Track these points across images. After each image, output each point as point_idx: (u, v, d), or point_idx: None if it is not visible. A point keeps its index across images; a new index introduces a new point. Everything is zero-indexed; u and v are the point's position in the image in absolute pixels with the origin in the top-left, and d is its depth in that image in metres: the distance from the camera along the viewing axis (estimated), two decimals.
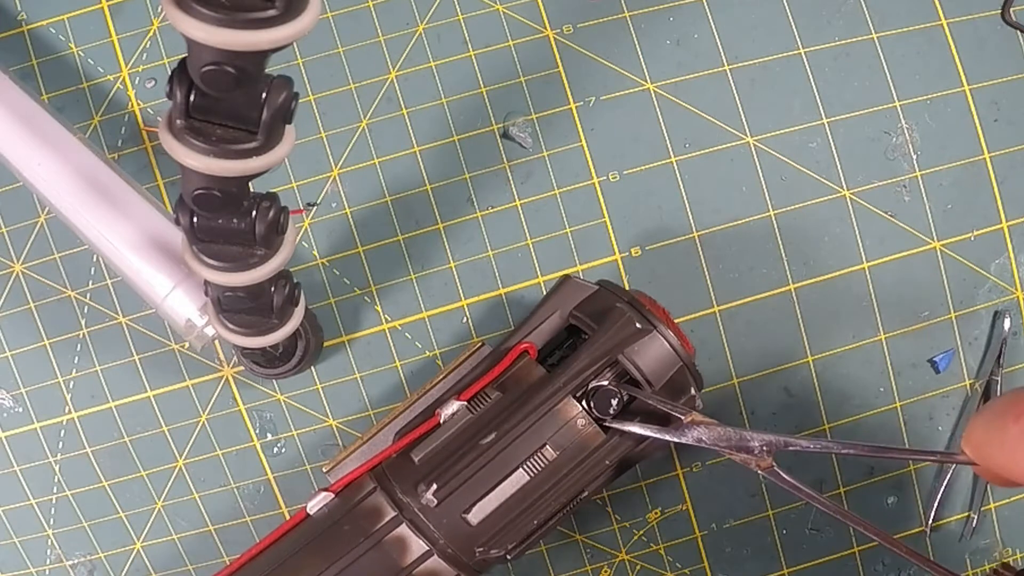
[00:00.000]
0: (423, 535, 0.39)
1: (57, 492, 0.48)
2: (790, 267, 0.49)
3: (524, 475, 0.38)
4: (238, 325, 0.39)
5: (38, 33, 0.47)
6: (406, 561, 0.39)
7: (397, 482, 0.39)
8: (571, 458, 0.39)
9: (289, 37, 0.24)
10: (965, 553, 0.50)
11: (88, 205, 0.42)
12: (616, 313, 0.40)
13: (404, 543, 0.39)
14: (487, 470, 0.38)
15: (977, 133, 0.49)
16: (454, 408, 0.40)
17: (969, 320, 0.49)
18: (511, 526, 0.39)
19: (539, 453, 0.38)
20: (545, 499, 0.39)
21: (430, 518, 0.38)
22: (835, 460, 0.49)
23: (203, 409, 0.48)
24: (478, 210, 0.48)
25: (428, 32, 0.48)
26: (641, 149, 0.48)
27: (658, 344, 0.39)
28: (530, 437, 0.39)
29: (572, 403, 0.39)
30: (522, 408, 0.39)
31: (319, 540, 0.39)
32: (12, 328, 0.48)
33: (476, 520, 0.38)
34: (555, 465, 0.39)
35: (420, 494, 0.38)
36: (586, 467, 0.39)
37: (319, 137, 0.48)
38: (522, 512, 0.39)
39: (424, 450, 0.39)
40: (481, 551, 0.39)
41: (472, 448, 0.39)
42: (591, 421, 0.39)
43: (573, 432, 0.39)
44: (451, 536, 0.38)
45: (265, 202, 0.32)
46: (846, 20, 0.48)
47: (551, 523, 0.40)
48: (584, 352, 0.40)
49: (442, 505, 0.38)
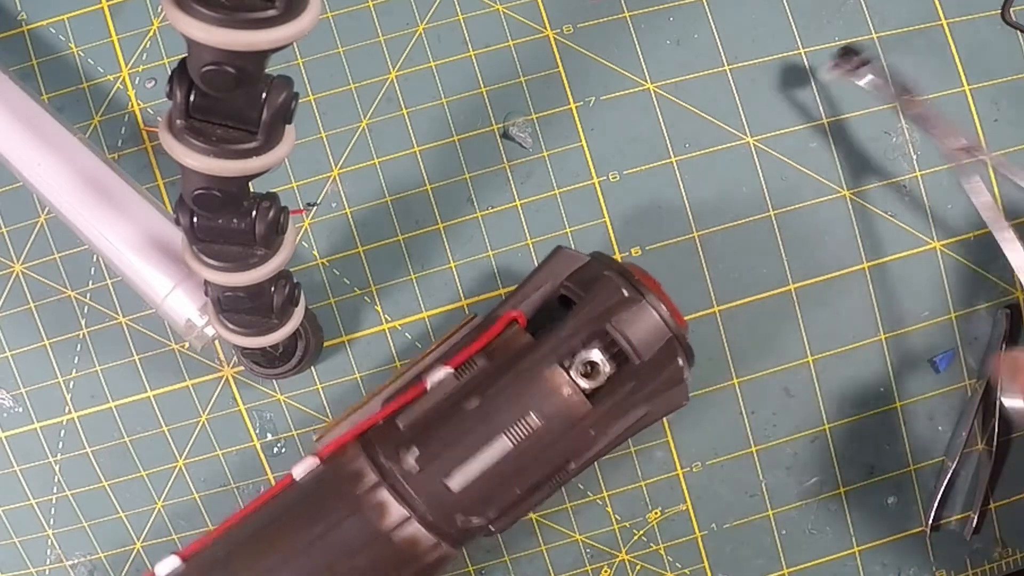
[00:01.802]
0: (403, 500, 0.38)
1: (57, 492, 0.48)
2: (790, 267, 0.49)
3: (507, 442, 0.37)
4: (238, 325, 0.39)
5: (38, 33, 0.47)
6: (385, 526, 0.38)
7: (380, 447, 0.39)
8: (556, 427, 0.38)
9: (289, 37, 0.24)
10: (965, 553, 0.50)
11: (88, 205, 0.42)
12: (604, 280, 0.39)
13: (384, 508, 0.38)
14: (470, 436, 0.38)
15: (977, 133, 0.49)
16: (441, 375, 0.39)
17: (969, 320, 0.49)
18: (493, 494, 0.38)
19: (523, 420, 0.37)
20: (529, 468, 0.38)
21: (411, 483, 0.38)
22: (835, 460, 0.49)
23: (203, 409, 0.48)
24: (478, 210, 0.48)
25: (428, 32, 0.48)
26: (641, 149, 0.48)
27: (647, 314, 0.38)
28: (514, 404, 0.38)
29: (559, 371, 0.38)
30: (507, 374, 0.38)
31: (301, 504, 0.39)
32: (12, 328, 0.48)
33: (457, 487, 0.37)
34: (539, 434, 0.38)
35: (402, 459, 0.38)
36: (571, 437, 0.38)
37: (319, 137, 0.48)
38: (505, 480, 0.38)
39: (409, 416, 0.39)
40: (462, 519, 0.38)
41: (455, 413, 0.38)
42: (577, 391, 0.38)
43: (559, 401, 0.38)
44: (431, 502, 0.38)
45: (265, 202, 0.32)
46: (846, 20, 0.48)
47: (537, 496, 0.39)
48: (570, 319, 0.39)
49: (423, 471, 0.38)
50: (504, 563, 0.49)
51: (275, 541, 0.38)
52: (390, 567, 0.38)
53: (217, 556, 0.39)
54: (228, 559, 0.39)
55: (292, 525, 0.39)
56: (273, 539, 0.38)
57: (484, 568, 0.49)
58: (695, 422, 0.49)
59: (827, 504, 0.50)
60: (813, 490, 0.50)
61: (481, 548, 0.49)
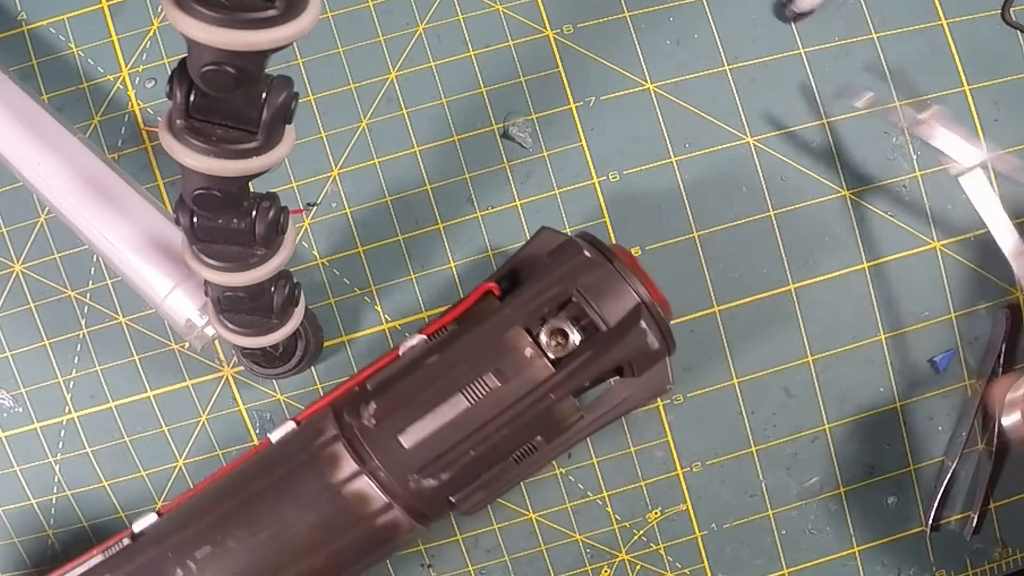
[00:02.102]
0: (356, 454, 0.38)
1: (57, 492, 0.48)
2: (790, 267, 0.49)
3: (464, 400, 0.37)
4: (238, 325, 0.39)
5: (38, 33, 0.47)
6: (336, 478, 0.38)
7: (347, 406, 0.39)
8: (516, 390, 0.37)
9: (289, 37, 0.24)
10: (965, 553, 0.50)
11: (88, 205, 0.42)
12: (569, 244, 0.39)
13: (337, 461, 0.38)
14: (426, 392, 0.37)
15: (977, 133, 0.49)
16: (414, 341, 0.39)
17: (969, 320, 0.49)
18: (447, 455, 0.37)
19: (481, 379, 0.37)
20: (485, 430, 0.37)
21: (366, 438, 0.37)
22: (835, 460, 0.49)
23: (203, 409, 0.48)
24: (478, 210, 0.48)
25: (428, 32, 0.48)
26: (641, 149, 0.48)
27: (613, 280, 0.37)
28: (473, 362, 0.37)
29: (521, 333, 0.37)
30: (468, 334, 0.38)
31: (266, 458, 0.40)
32: (12, 328, 0.48)
33: (410, 443, 0.37)
34: (498, 394, 0.37)
35: (361, 414, 0.38)
36: (530, 401, 0.37)
37: (319, 137, 0.48)
38: (460, 442, 0.37)
39: (377, 378, 0.39)
40: (415, 480, 0.37)
41: (415, 370, 0.38)
42: (540, 354, 0.37)
43: (520, 363, 0.37)
44: (384, 458, 0.37)
45: (265, 202, 0.32)
46: (846, 20, 0.48)
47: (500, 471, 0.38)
48: (534, 280, 0.38)
49: (379, 426, 0.37)
50: (504, 563, 0.49)
51: (235, 491, 0.39)
52: (339, 523, 0.38)
53: (185, 509, 0.40)
54: (194, 510, 0.39)
55: (251, 477, 0.39)
56: (234, 490, 0.39)
57: (484, 568, 0.49)
58: (695, 422, 0.49)
59: (827, 504, 0.50)
60: (813, 490, 0.50)
61: (481, 548, 0.49)
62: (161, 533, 0.39)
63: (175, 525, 0.39)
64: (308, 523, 0.38)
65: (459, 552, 0.49)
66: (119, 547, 0.40)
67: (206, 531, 0.38)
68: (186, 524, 0.39)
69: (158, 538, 0.39)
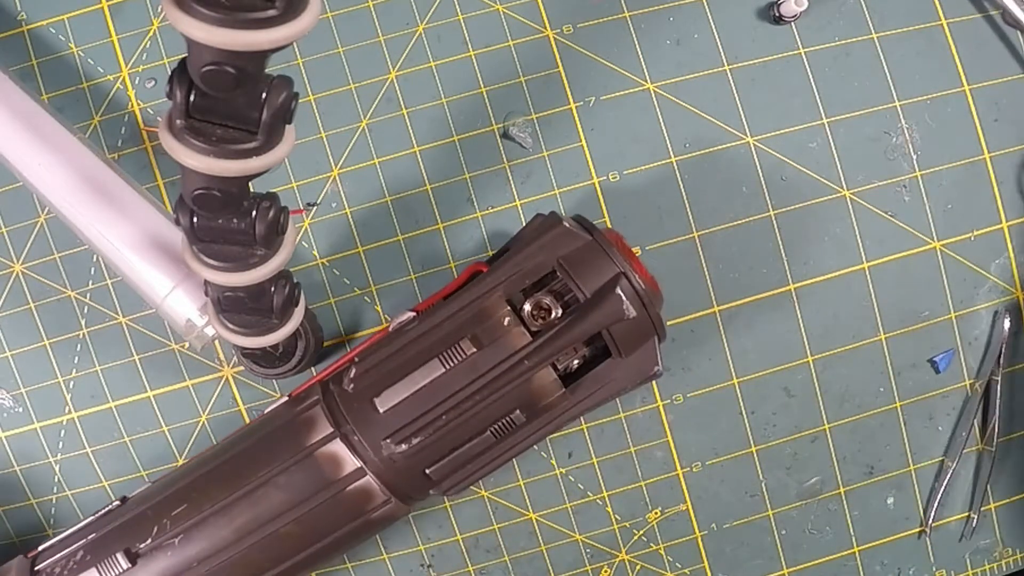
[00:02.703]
0: (332, 418, 0.38)
1: (57, 492, 0.48)
2: (790, 267, 0.49)
3: (439, 366, 0.37)
4: (238, 325, 0.39)
5: (38, 33, 0.47)
6: (310, 440, 0.38)
7: (334, 377, 0.40)
8: (489, 356, 0.37)
9: (289, 37, 0.24)
10: (965, 553, 0.50)
11: (88, 205, 0.42)
12: (551, 218, 0.39)
13: (313, 423, 0.39)
14: (404, 358, 0.38)
15: (977, 133, 0.49)
16: (404, 318, 0.40)
17: (969, 320, 0.49)
18: (419, 420, 0.37)
19: (457, 346, 0.37)
20: (458, 396, 0.37)
21: (343, 401, 0.38)
22: (835, 460, 0.49)
23: (203, 409, 0.48)
24: (478, 210, 0.48)
25: (428, 32, 0.48)
26: (641, 149, 0.48)
27: (595, 252, 0.37)
28: (450, 329, 0.38)
29: (501, 304, 0.38)
30: (449, 304, 0.38)
31: (253, 425, 0.41)
32: (12, 328, 0.48)
33: (384, 407, 0.37)
34: (473, 361, 0.37)
35: (343, 380, 0.38)
36: (504, 367, 0.37)
37: (319, 137, 0.48)
38: (434, 407, 0.37)
39: (366, 352, 0.39)
40: (387, 444, 0.38)
41: (397, 339, 0.38)
42: (517, 322, 0.37)
43: (496, 330, 0.37)
44: (359, 422, 0.38)
45: (265, 202, 0.32)
46: (846, 20, 0.48)
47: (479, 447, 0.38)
48: (515, 252, 0.39)
49: (356, 391, 0.38)
50: (504, 563, 0.49)
51: (217, 455, 0.40)
52: (311, 486, 0.39)
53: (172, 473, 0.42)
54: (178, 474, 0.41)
55: (234, 442, 0.41)
56: (216, 454, 0.40)
57: (484, 568, 0.49)
58: (695, 422, 0.49)
59: (827, 504, 0.50)
60: (813, 490, 0.50)
61: (481, 548, 0.49)
62: (146, 495, 0.41)
63: (160, 487, 0.41)
64: (281, 485, 0.39)
65: (459, 552, 0.49)
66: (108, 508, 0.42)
67: (183, 491, 0.39)
68: (169, 486, 0.40)
69: (142, 500, 0.41)
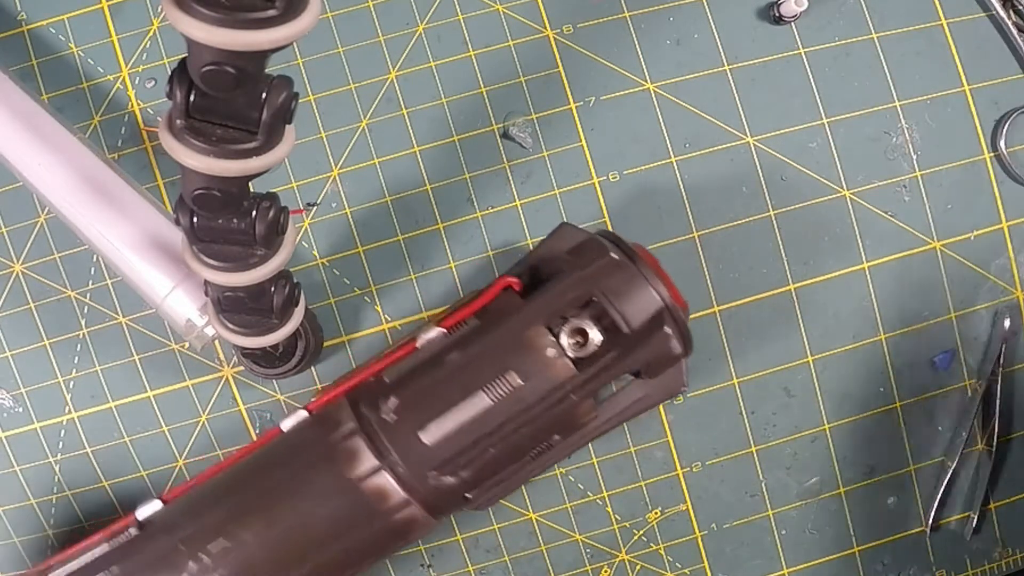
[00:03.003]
0: (375, 449, 0.37)
1: (57, 492, 0.48)
2: (790, 267, 0.49)
3: (485, 398, 0.37)
4: (238, 325, 0.39)
5: (38, 33, 0.47)
6: (355, 473, 0.37)
7: (364, 398, 0.38)
8: (537, 389, 0.37)
9: (289, 37, 0.24)
10: (965, 553, 0.50)
11: (88, 205, 0.42)
12: (593, 243, 0.39)
13: (356, 455, 0.37)
14: (448, 389, 0.37)
15: (977, 133, 0.49)
16: (432, 335, 0.39)
17: (969, 320, 0.49)
18: (467, 452, 0.37)
19: (503, 378, 0.37)
20: (505, 428, 0.37)
21: (385, 433, 0.37)
22: (835, 460, 0.49)
23: (203, 409, 0.48)
24: (478, 210, 0.48)
25: (428, 32, 0.48)
26: (641, 149, 0.48)
27: (636, 281, 0.37)
28: (495, 360, 0.37)
29: (544, 332, 0.37)
30: (491, 331, 0.38)
31: (279, 448, 0.39)
32: (12, 328, 0.48)
33: (431, 439, 0.37)
34: (520, 394, 0.37)
35: (380, 408, 0.37)
36: (552, 401, 0.37)
37: (319, 137, 0.48)
38: (480, 439, 0.37)
39: (395, 371, 0.39)
40: (435, 477, 0.37)
41: (437, 366, 0.38)
42: (562, 353, 0.37)
43: (542, 362, 0.37)
44: (404, 454, 0.37)
45: (265, 202, 0.32)
46: (846, 20, 0.48)
47: (517, 467, 0.38)
48: (558, 280, 0.38)
49: (400, 421, 0.37)
50: (504, 563, 0.49)
51: (249, 483, 0.39)
52: (357, 517, 0.38)
53: (195, 498, 0.39)
54: (205, 501, 0.39)
55: (267, 469, 0.39)
56: (248, 481, 0.39)
57: (484, 568, 0.49)
58: (695, 422, 0.49)
59: (827, 504, 0.50)
60: (813, 490, 0.50)
61: (481, 548, 0.49)
62: (171, 523, 0.39)
63: (185, 515, 0.39)
64: (325, 517, 0.38)
65: (459, 552, 0.49)
66: (127, 537, 0.39)
67: (220, 523, 0.38)
68: (198, 514, 0.38)
69: (168, 528, 0.38)
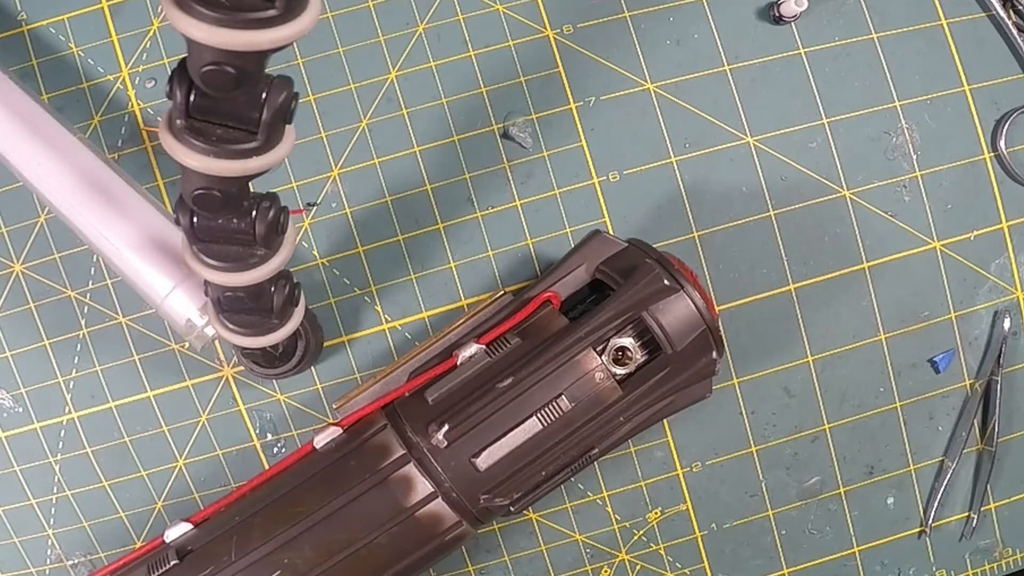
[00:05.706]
0: (429, 476, 0.38)
1: (57, 492, 0.48)
2: (790, 267, 0.49)
3: (537, 424, 0.38)
4: (238, 325, 0.39)
5: (38, 33, 0.47)
6: (410, 501, 0.38)
7: (408, 421, 0.39)
8: (585, 411, 0.38)
9: (289, 37, 0.24)
10: (965, 553, 0.50)
11: (88, 205, 0.42)
12: (645, 268, 0.39)
13: (410, 482, 0.38)
14: (500, 415, 0.38)
15: (977, 133, 0.49)
16: (472, 351, 0.39)
17: (969, 320, 0.49)
18: (519, 475, 0.38)
19: (554, 403, 0.38)
20: (555, 451, 0.38)
21: (438, 459, 0.38)
22: (835, 460, 0.49)
23: (203, 409, 0.48)
24: (478, 210, 0.48)
25: (428, 32, 0.48)
26: (641, 149, 0.48)
27: (683, 305, 0.38)
28: (547, 385, 0.38)
29: (592, 355, 0.38)
30: (541, 356, 0.38)
31: (323, 473, 0.39)
32: (12, 328, 0.48)
33: (484, 465, 0.38)
34: (569, 417, 0.38)
35: (431, 434, 0.38)
36: (599, 422, 0.38)
37: (319, 137, 0.48)
38: (531, 462, 0.38)
39: (438, 391, 0.39)
40: (486, 498, 0.38)
41: (487, 392, 0.38)
42: (609, 376, 0.38)
43: (590, 385, 0.38)
44: (457, 480, 0.38)
45: (265, 202, 0.32)
46: (846, 20, 0.48)
47: (558, 478, 0.39)
48: (610, 305, 0.39)
49: (451, 447, 0.37)
50: (504, 563, 0.49)
51: (294, 510, 0.38)
52: (411, 542, 0.38)
53: (231, 522, 0.39)
54: (243, 526, 0.38)
55: (313, 495, 0.38)
56: (291, 508, 0.38)
57: (484, 568, 0.49)
58: (695, 422, 0.49)
59: (827, 504, 0.50)
60: (813, 490, 0.50)
61: (481, 548, 0.49)
62: (215, 553, 0.38)
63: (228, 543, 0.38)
64: (381, 544, 0.38)
65: (459, 552, 0.49)
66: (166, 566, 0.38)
67: (274, 554, 0.38)
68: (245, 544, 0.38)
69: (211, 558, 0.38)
